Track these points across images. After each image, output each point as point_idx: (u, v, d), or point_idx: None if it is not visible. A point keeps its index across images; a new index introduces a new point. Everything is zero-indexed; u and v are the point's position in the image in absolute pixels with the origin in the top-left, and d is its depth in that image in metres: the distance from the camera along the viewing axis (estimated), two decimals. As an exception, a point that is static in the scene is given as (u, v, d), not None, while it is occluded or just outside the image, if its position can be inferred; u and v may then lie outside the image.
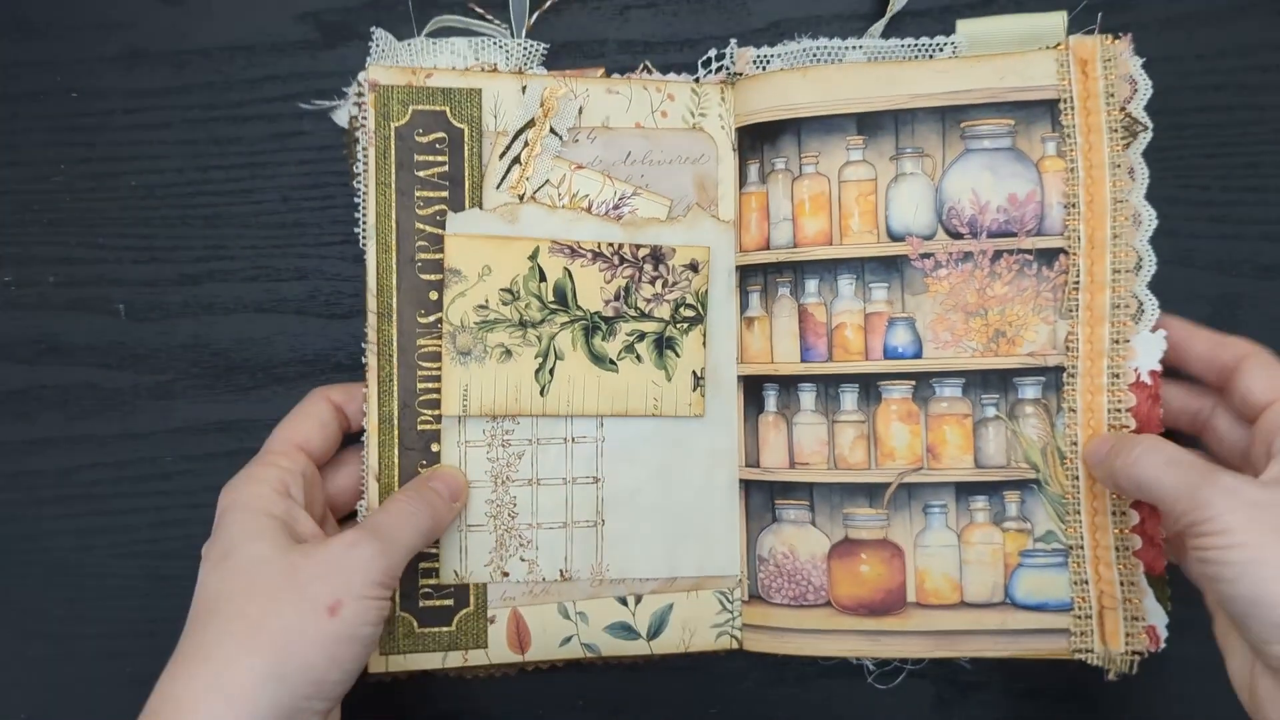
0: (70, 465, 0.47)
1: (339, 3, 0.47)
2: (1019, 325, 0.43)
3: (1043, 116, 0.43)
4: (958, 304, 0.44)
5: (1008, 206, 0.43)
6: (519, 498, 0.44)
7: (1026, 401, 0.43)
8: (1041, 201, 0.43)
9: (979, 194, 0.43)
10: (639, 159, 0.45)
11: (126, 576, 0.47)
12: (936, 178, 0.44)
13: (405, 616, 0.44)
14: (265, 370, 0.47)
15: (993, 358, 0.43)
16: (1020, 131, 0.43)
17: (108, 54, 0.47)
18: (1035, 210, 0.43)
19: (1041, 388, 0.43)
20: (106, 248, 0.47)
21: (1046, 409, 0.43)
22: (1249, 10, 0.45)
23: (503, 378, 0.44)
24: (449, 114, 0.44)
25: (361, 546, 0.37)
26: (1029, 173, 0.43)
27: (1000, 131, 0.43)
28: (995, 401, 0.44)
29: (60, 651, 0.47)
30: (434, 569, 0.44)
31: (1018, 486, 0.43)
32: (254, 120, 0.47)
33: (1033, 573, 0.43)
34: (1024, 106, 0.43)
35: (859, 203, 0.44)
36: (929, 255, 0.44)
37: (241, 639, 0.35)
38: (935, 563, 0.44)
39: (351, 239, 0.47)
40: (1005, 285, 0.43)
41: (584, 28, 0.47)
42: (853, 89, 0.44)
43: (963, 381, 0.44)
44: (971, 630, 0.43)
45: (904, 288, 0.44)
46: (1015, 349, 0.43)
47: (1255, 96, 0.45)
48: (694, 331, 0.45)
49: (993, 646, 0.43)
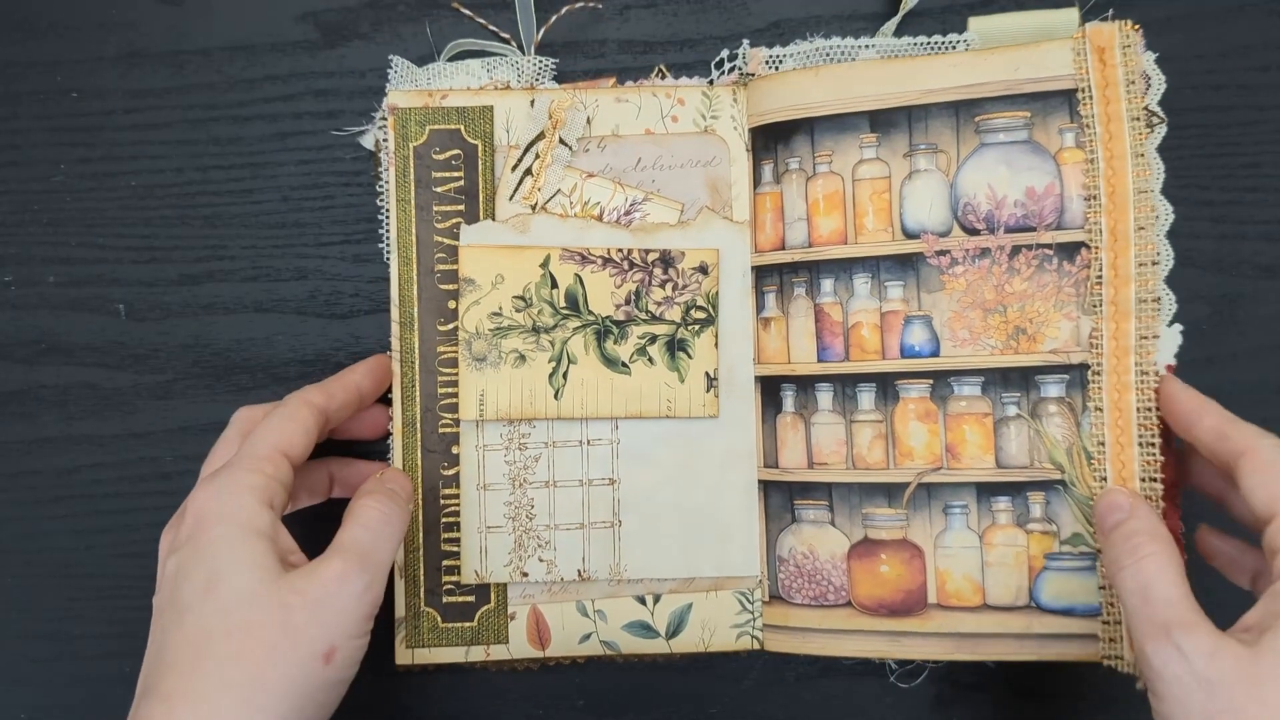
0: (70, 465, 0.47)
1: (339, 3, 0.47)
2: (1040, 322, 0.42)
3: (1060, 107, 0.42)
4: (975, 301, 0.43)
5: (1025, 200, 0.42)
6: (536, 499, 0.45)
7: (1050, 400, 0.42)
8: (1061, 194, 0.42)
9: (995, 189, 0.43)
10: (650, 164, 0.45)
11: (126, 576, 0.47)
12: (951, 174, 0.43)
13: (429, 612, 0.45)
14: (265, 370, 0.47)
15: (1013, 355, 0.43)
16: (1037, 124, 0.42)
17: (108, 54, 0.47)
18: (1055, 204, 0.42)
19: (1065, 386, 0.42)
20: (106, 248, 0.47)
21: (1071, 408, 0.42)
22: (1249, 10, 0.46)
23: (518, 383, 0.44)
24: (463, 131, 0.45)
25: (351, 580, 0.35)
26: (1047, 165, 0.42)
27: (1016, 124, 0.43)
28: (1016, 400, 0.43)
29: (60, 651, 0.47)
30: (455, 567, 0.45)
31: (1042, 487, 0.43)
32: (254, 120, 0.47)
33: (1059, 576, 0.42)
34: (1040, 98, 0.42)
35: (873, 201, 0.44)
36: (944, 252, 0.43)
37: (244, 691, 0.33)
38: (956, 564, 0.43)
39: (351, 239, 0.47)
40: (1025, 281, 0.42)
41: (584, 28, 0.47)
42: (865, 86, 0.44)
43: (982, 380, 0.43)
44: (995, 634, 0.43)
45: (920, 286, 0.44)
46: (1037, 346, 0.42)
47: (1255, 96, 0.45)
48: (705, 333, 0.45)
49: (1018, 650, 0.42)
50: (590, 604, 0.45)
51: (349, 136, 0.47)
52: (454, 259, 0.45)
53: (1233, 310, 0.46)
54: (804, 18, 0.46)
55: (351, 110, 0.47)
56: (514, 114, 0.45)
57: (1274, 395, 0.45)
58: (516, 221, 0.45)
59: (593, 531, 0.45)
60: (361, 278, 0.47)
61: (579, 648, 0.45)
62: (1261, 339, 0.46)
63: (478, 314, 0.44)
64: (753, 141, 0.46)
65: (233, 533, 0.35)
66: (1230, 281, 0.46)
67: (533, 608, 0.45)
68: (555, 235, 0.45)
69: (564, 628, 0.45)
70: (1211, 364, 0.45)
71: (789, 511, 0.45)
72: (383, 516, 0.38)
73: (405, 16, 0.47)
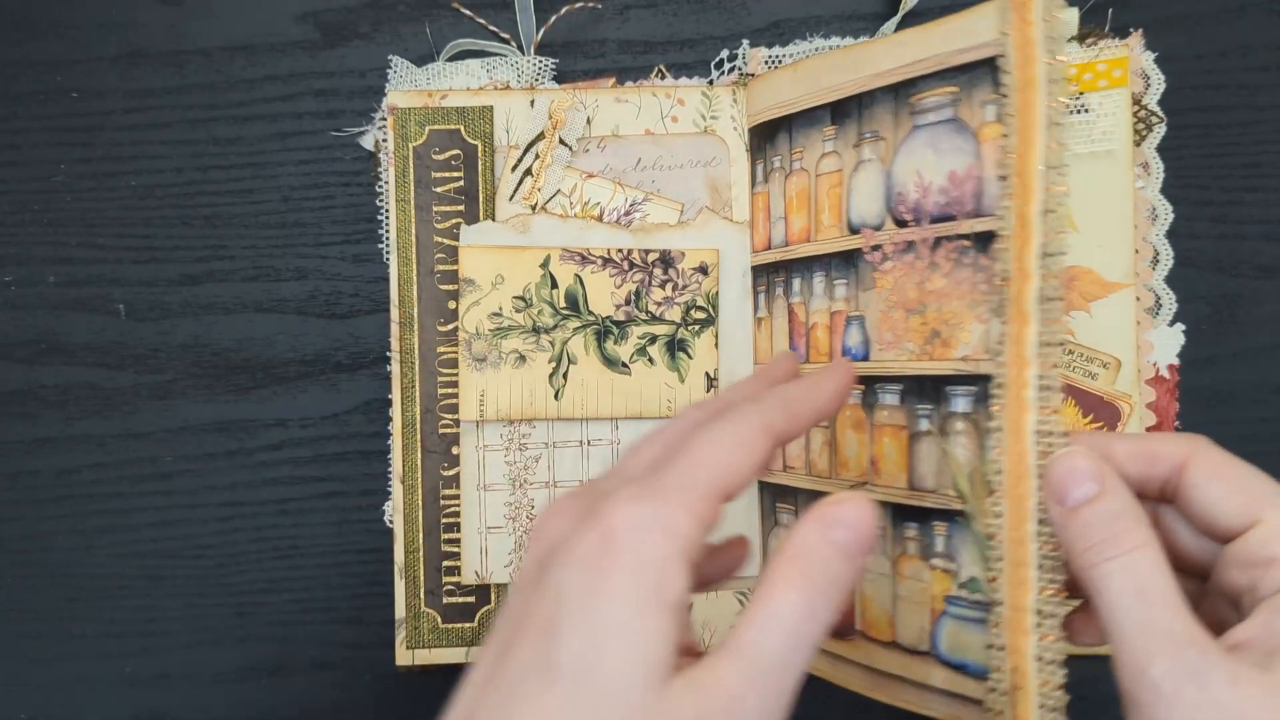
0: (70, 465, 0.47)
1: (339, 3, 0.47)
2: (954, 324, 0.36)
3: (984, 78, 0.35)
4: (900, 300, 0.38)
5: (948, 186, 0.36)
6: (537, 500, 0.45)
7: (957, 416, 0.36)
8: (980, 176, 0.35)
9: (923, 175, 0.37)
10: (649, 165, 0.45)
11: (126, 576, 0.47)
12: (889, 162, 0.39)
13: (430, 612, 0.45)
14: (265, 370, 0.47)
15: (927, 361, 0.37)
16: (963, 100, 0.36)
17: (108, 54, 0.47)
18: (974, 187, 0.35)
19: (973, 400, 0.35)
20: (106, 248, 0.47)
21: (977, 426, 0.35)
22: (1248, 10, 0.46)
23: (518, 383, 0.44)
24: (463, 132, 0.45)
25: (748, 700, 0.23)
26: (968, 145, 0.36)
27: (943, 102, 0.37)
28: (929, 413, 0.37)
29: (60, 652, 0.47)
30: (455, 568, 0.45)
31: (945, 517, 0.36)
32: (254, 120, 0.47)
33: (955, 625, 0.35)
34: (967, 70, 0.36)
35: (829, 196, 0.42)
36: (878, 247, 0.39)
37: None
38: (873, 591, 0.38)
39: (351, 239, 0.47)
40: (944, 277, 0.36)
41: (584, 28, 0.47)
42: (828, 77, 0.41)
43: (901, 388, 0.38)
44: (901, 677, 0.37)
45: (858, 283, 0.40)
46: (950, 352, 0.36)
47: (1254, 96, 0.45)
48: (706, 333, 0.45)
49: (917, 701, 0.36)
50: (590, 603, 0.45)
51: (349, 137, 0.47)
52: (454, 259, 0.45)
53: (1233, 310, 0.45)
54: (804, 17, 0.46)
55: (351, 110, 0.47)
56: (514, 114, 0.45)
57: (1274, 395, 0.45)
58: (516, 222, 0.45)
59: (593, 532, 0.45)
60: (361, 278, 0.47)
61: None
62: (1261, 339, 0.46)
63: (478, 314, 0.44)
64: (750, 142, 0.46)
65: (645, 594, 0.24)
66: (1230, 281, 0.46)
67: (533, 608, 0.45)
68: (555, 235, 0.45)
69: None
70: (1212, 364, 0.45)
71: (773, 514, 0.45)
72: (805, 607, 0.24)
73: (405, 16, 0.47)
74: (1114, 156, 0.43)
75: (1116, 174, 0.43)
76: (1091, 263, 0.43)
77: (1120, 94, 0.43)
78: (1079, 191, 0.42)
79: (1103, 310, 0.43)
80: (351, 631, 0.46)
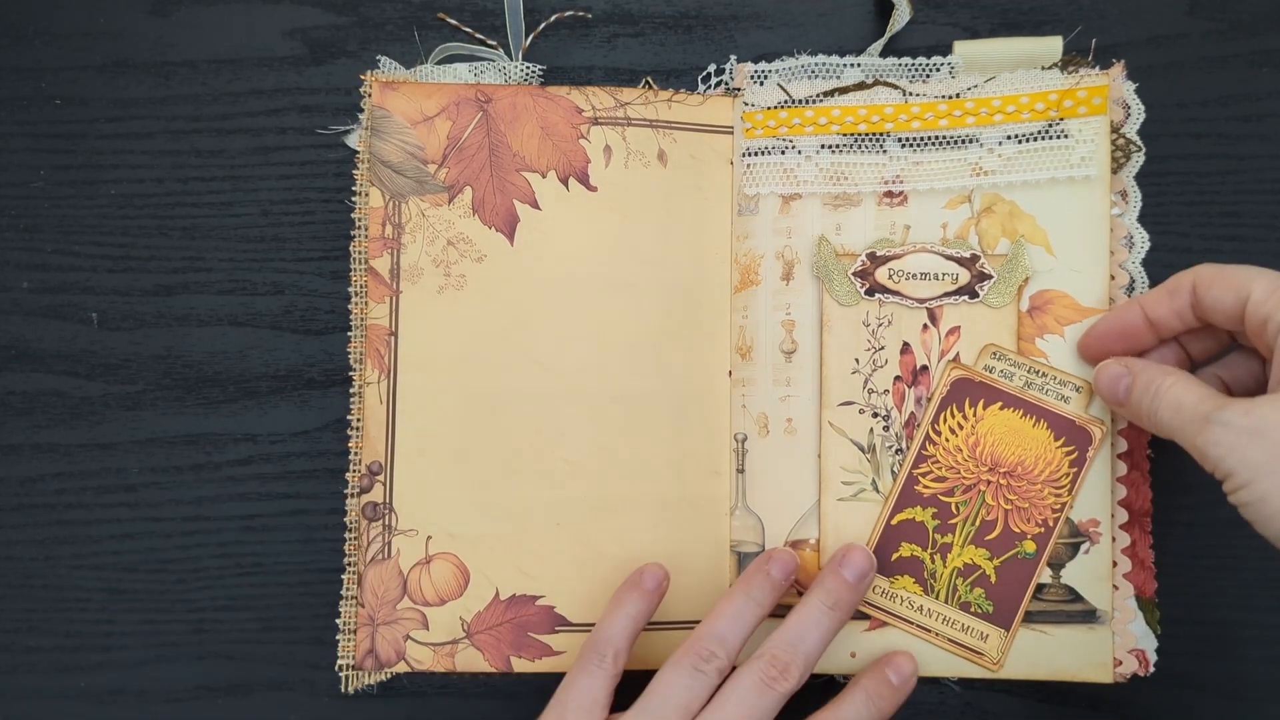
0: (34, 474, 0.46)
1: (327, 19, 0.47)
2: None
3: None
4: None
5: None
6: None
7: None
8: None
9: None
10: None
11: (85, 589, 0.46)
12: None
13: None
14: (237, 384, 0.46)
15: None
16: None
17: (93, 62, 0.47)
18: None
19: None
20: (82, 255, 0.47)
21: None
22: (1230, 60, 0.46)
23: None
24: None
25: None
26: None
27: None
28: None
29: (14, 663, 0.46)
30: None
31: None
32: (237, 134, 0.47)
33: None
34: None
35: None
36: None
37: None
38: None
39: (329, 255, 0.46)
40: None
41: (571, 54, 0.47)
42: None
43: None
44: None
45: None
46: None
47: (1235, 146, 0.46)
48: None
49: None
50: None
51: (332, 147, 0.46)
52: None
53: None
54: (789, 50, 0.47)
55: (335, 126, 0.47)
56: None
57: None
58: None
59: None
60: (338, 295, 0.46)
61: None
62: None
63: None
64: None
65: None
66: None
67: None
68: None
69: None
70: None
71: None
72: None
73: (393, 35, 0.47)
74: (1091, 183, 0.43)
75: (1094, 200, 0.43)
76: (1066, 287, 0.43)
77: (1099, 121, 0.43)
78: (1056, 216, 0.43)
79: (1077, 334, 0.43)
80: (312, 652, 0.46)
